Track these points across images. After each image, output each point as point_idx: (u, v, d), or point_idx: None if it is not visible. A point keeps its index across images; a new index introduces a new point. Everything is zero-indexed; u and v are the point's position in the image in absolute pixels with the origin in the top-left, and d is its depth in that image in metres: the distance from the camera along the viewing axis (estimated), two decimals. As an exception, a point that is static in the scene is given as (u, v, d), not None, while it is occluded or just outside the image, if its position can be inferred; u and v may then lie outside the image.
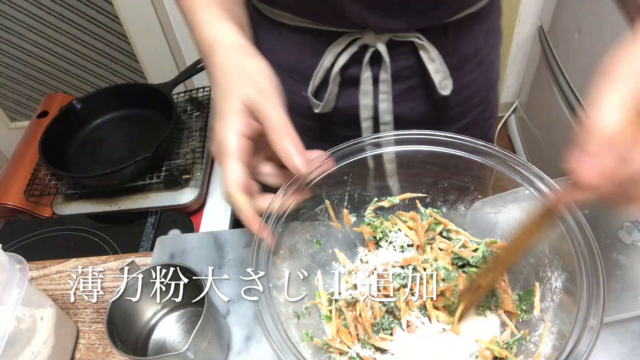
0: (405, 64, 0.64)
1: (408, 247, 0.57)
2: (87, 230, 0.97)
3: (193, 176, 1.01)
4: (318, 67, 0.63)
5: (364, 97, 0.65)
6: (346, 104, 0.67)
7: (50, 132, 1.04)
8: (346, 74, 0.64)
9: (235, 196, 0.44)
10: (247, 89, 0.46)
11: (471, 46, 0.66)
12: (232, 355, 0.59)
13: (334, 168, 0.51)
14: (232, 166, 0.44)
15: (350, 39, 0.61)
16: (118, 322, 0.54)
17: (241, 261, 0.68)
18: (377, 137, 0.53)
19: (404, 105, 0.67)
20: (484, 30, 0.66)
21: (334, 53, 0.62)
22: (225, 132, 0.45)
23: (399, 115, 0.67)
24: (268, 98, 0.45)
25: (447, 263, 0.54)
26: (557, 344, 0.42)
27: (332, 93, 0.65)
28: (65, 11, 1.49)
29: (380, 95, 0.65)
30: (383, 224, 0.58)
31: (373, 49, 0.61)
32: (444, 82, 0.63)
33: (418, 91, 0.67)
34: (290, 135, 0.44)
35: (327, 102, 0.65)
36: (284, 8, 0.62)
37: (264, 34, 0.61)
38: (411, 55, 0.63)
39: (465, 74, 0.67)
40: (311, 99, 0.66)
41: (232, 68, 0.48)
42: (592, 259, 0.41)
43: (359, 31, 0.60)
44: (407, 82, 0.65)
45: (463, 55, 0.66)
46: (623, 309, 0.52)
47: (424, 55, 0.61)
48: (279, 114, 0.45)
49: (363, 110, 0.66)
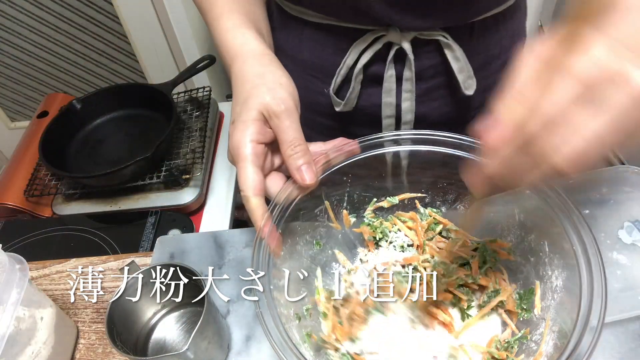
0: (429, 62, 0.63)
1: (408, 247, 0.57)
2: (87, 230, 0.97)
3: (193, 176, 1.01)
4: (341, 65, 0.63)
5: (387, 95, 0.65)
6: (367, 102, 0.67)
7: (50, 132, 1.04)
8: (369, 72, 0.64)
9: (250, 200, 0.45)
10: (264, 99, 0.47)
11: (496, 47, 0.65)
12: (232, 355, 0.59)
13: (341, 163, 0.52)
14: (247, 171, 0.46)
15: (375, 36, 0.60)
16: (118, 322, 0.54)
17: (241, 261, 0.68)
18: (377, 137, 0.53)
19: (427, 105, 0.67)
20: (509, 31, 0.66)
21: (357, 50, 0.61)
22: (241, 139, 0.46)
23: (421, 114, 0.67)
24: (284, 109, 0.47)
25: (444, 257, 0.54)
26: (558, 343, 0.42)
27: (355, 91, 0.64)
28: (65, 11, 1.49)
29: (403, 94, 0.65)
30: (383, 224, 0.58)
31: (397, 46, 0.60)
32: (467, 82, 0.63)
33: (441, 90, 0.66)
34: (302, 148, 0.46)
35: (349, 101, 0.65)
36: (308, 5, 0.62)
37: (287, 32, 0.61)
38: (436, 54, 0.62)
39: (489, 75, 0.66)
40: (333, 97, 0.66)
41: (250, 76, 0.49)
42: (594, 259, 0.41)
43: (384, 29, 0.60)
44: (430, 81, 0.65)
45: (488, 56, 0.65)
46: (623, 309, 0.52)
47: (449, 54, 0.61)
48: (293, 126, 0.47)
49: (385, 108, 0.66)
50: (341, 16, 0.61)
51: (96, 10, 1.48)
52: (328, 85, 0.66)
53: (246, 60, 0.51)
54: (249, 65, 0.50)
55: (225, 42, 0.53)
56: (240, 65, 0.51)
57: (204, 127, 1.11)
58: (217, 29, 0.55)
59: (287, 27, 0.63)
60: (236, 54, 0.52)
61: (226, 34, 0.54)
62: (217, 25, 0.55)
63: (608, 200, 0.59)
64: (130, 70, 1.65)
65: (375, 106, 0.66)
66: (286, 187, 0.48)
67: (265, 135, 0.47)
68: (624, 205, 0.58)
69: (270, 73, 0.49)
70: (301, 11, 0.63)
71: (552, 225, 0.45)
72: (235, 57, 0.51)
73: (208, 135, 1.11)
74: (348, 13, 0.59)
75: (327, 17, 0.61)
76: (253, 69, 0.50)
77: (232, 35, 0.53)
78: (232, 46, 0.52)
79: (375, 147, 0.52)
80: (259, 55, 0.51)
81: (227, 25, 0.54)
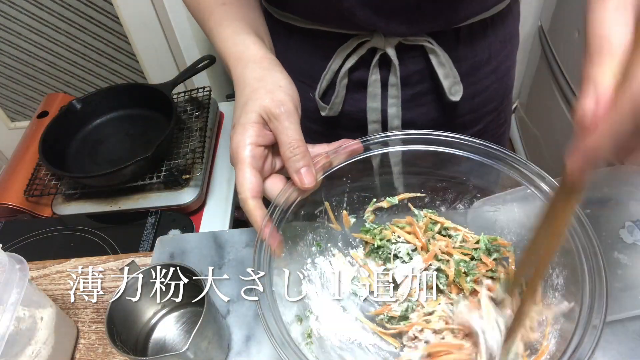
0: (414, 68, 0.63)
1: (413, 253, 0.56)
2: (87, 230, 0.97)
3: (193, 176, 1.01)
4: (326, 70, 0.63)
5: (372, 100, 0.65)
6: (353, 107, 0.67)
7: (50, 132, 1.04)
8: (354, 77, 0.64)
9: (247, 202, 0.45)
10: (264, 102, 0.47)
11: (485, 52, 0.65)
12: (232, 355, 0.58)
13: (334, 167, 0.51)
14: (245, 173, 0.46)
15: (359, 41, 0.60)
16: (118, 322, 0.54)
17: (241, 261, 0.68)
18: (376, 137, 0.53)
19: (413, 110, 0.67)
20: (499, 36, 0.65)
21: (342, 56, 0.62)
22: (240, 141, 0.46)
23: (408, 120, 0.67)
24: (283, 111, 0.47)
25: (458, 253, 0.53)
26: (560, 341, 0.42)
27: (339, 96, 0.65)
28: (65, 11, 1.48)
29: (389, 100, 0.65)
30: (382, 232, 0.57)
31: (382, 52, 0.60)
32: (454, 88, 0.63)
33: (428, 96, 0.66)
34: (301, 150, 0.46)
35: (334, 105, 0.65)
36: (294, 11, 0.62)
37: (275, 38, 0.62)
38: (421, 60, 0.62)
39: (478, 81, 0.66)
40: (318, 102, 0.66)
41: (250, 80, 0.49)
42: (595, 258, 0.41)
43: (368, 34, 0.60)
44: (417, 86, 0.65)
45: (476, 61, 0.65)
46: (624, 308, 0.52)
47: (433, 59, 0.61)
48: (292, 128, 0.46)
49: (370, 113, 0.66)
50: (326, 22, 0.61)
51: (96, 10, 1.48)
52: (314, 90, 0.66)
53: (247, 65, 0.51)
54: (249, 69, 0.50)
55: (227, 49, 0.53)
56: (241, 70, 0.51)
57: (204, 127, 1.11)
58: (218, 37, 0.55)
59: (275, 33, 0.63)
60: (237, 60, 0.52)
61: (226, 42, 0.54)
62: (217, 33, 0.55)
63: (609, 200, 0.59)
64: (130, 70, 1.65)
65: (361, 111, 0.66)
66: (286, 188, 0.48)
67: (265, 138, 0.47)
68: (625, 205, 0.58)
69: (269, 76, 0.49)
70: (288, 17, 0.63)
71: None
72: (236, 63, 0.52)
73: (208, 135, 1.11)
74: (333, 19, 0.60)
75: (313, 22, 0.62)
76: (253, 73, 0.50)
77: (233, 42, 0.53)
78: (233, 53, 0.53)
79: (377, 146, 0.52)
80: (259, 60, 0.51)
81: (226, 33, 0.54)
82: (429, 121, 0.68)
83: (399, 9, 0.56)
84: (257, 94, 0.48)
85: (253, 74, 0.50)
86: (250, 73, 0.50)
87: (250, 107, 0.47)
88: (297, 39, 0.65)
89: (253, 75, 0.50)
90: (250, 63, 0.51)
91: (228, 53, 0.53)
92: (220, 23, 0.55)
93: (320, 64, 0.64)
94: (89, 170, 1.04)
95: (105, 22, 1.51)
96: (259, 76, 0.49)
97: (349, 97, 0.66)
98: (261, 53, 0.52)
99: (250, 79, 0.50)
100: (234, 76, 0.52)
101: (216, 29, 0.55)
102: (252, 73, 0.50)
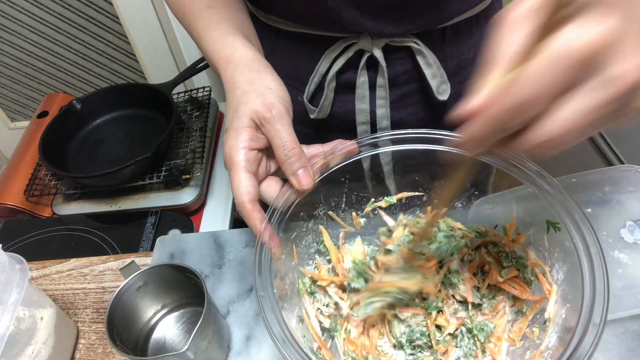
0: (402, 69, 0.63)
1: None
2: (87, 230, 0.97)
3: (193, 176, 1.01)
4: (314, 73, 0.63)
5: (360, 101, 0.65)
6: (342, 109, 0.67)
7: (50, 132, 1.04)
8: (342, 79, 0.64)
9: (244, 205, 0.45)
10: (255, 106, 0.47)
11: (470, 51, 0.65)
12: (232, 355, 0.58)
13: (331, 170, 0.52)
14: (240, 177, 0.45)
15: (346, 44, 0.60)
16: (118, 322, 0.54)
17: (241, 261, 0.68)
18: (374, 137, 0.52)
19: (401, 111, 0.67)
20: (485, 34, 0.66)
21: (329, 58, 0.62)
22: (233, 146, 0.46)
23: (397, 120, 0.67)
24: (274, 114, 0.46)
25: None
26: (562, 336, 0.42)
27: (328, 98, 0.65)
28: (65, 11, 1.49)
29: (377, 101, 0.65)
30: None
31: (369, 54, 0.60)
32: (441, 87, 0.63)
33: (416, 96, 0.66)
34: (296, 152, 0.46)
35: (323, 108, 0.65)
36: (279, 14, 0.62)
37: (262, 41, 0.61)
38: (408, 60, 0.62)
39: (464, 79, 0.66)
40: (307, 105, 0.66)
41: (240, 83, 0.49)
42: (596, 257, 0.41)
43: (355, 36, 0.60)
44: (404, 87, 0.65)
45: (462, 60, 0.65)
46: (624, 308, 0.52)
47: (420, 60, 0.61)
48: (284, 130, 0.46)
49: (359, 114, 0.66)
50: (312, 24, 0.61)
51: (96, 10, 1.48)
52: (303, 93, 0.66)
53: (237, 68, 0.50)
54: (239, 72, 0.50)
55: (215, 52, 0.53)
56: (231, 73, 0.50)
57: (204, 127, 1.11)
58: (205, 40, 0.54)
59: (261, 36, 0.63)
60: (227, 62, 0.51)
61: (214, 44, 0.53)
62: (204, 37, 0.54)
63: (610, 199, 0.59)
64: (130, 70, 1.65)
65: (349, 113, 0.66)
66: (284, 190, 0.48)
67: (258, 142, 0.47)
68: (626, 205, 0.58)
69: (259, 78, 0.49)
70: (274, 20, 0.63)
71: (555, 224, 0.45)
72: (226, 66, 0.51)
73: (208, 135, 1.11)
74: (319, 21, 0.59)
75: (299, 25, 0.61)
76: (243, 76, 0.49)
77: (221, 45, 0.53)
78: (222, 56, 0.52)
79: (373, 146, 0.52)
80: (248, 62, 0.51)
81: (214, 35, 0.54)
82: (417, 121, 0.68)
83: (384, 8, 0.56)
84: (247, 97, 0.47)
85: (243, 77, 0.49)
86: (240, 76, 0.50)
87: (242, 112, 0.47)
88: (283, 42, 0.65)
89: (243, 78, 0.49)
90: (240, 66, 0.50)
91: (217, 56, 0.52)
92: (207, 26, 0.54)
93: (308, 67, 0.64)
94: (89, 170, 1.04)
95: (105, 22, 1.51)
96: (249, 79, 0.49)
97: (338, 99, 0.66)
98: (250, 55, 0.51)
99: (240, 81, 0.49)
100: (224, 79, 0.51)
101: (203, 32, 0.55)
102: (242, 76, 0.49)
